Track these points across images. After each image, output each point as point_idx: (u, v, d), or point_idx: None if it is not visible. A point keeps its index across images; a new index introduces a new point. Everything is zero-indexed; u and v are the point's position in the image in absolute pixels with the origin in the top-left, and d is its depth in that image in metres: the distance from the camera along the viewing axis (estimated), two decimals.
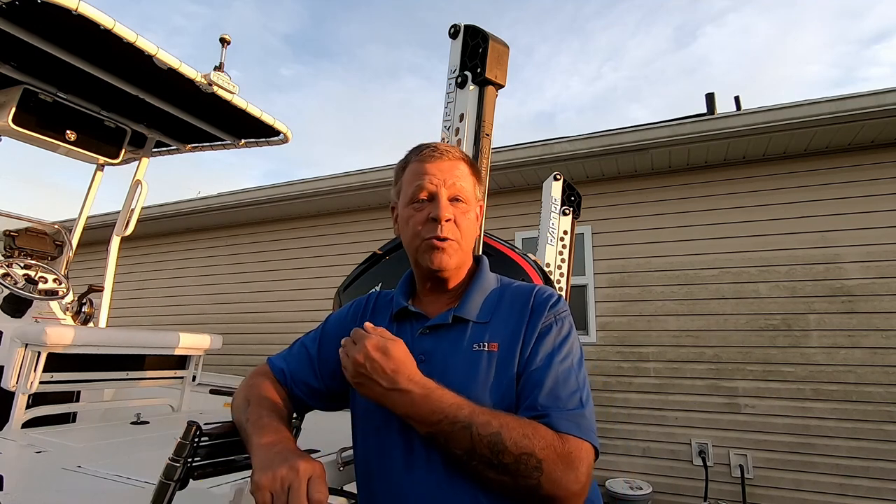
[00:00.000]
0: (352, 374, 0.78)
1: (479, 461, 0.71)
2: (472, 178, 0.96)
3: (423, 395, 0.74)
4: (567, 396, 0.77)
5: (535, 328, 0.84)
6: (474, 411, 0.73)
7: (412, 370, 0.77)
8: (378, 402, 0.78)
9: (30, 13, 1.91)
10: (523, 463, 0.70)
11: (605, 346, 4.31)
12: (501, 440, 0.70)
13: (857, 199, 3.79)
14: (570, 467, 0.70)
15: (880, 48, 56.48)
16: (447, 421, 0.72)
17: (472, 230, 0.94)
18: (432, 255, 0.89)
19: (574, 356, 0.83)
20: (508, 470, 0.70)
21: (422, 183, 0.91)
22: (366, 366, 0.76)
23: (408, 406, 0.75)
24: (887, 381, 3.50)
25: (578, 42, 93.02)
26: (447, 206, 0.89)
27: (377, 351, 0.76)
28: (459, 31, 1.53)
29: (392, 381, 0.75)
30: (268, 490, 0.65)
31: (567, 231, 2.46)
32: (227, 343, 3.21)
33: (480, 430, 0.71)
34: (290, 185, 5.53)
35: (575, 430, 0.73)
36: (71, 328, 1.91)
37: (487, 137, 1.48)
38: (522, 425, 0.72)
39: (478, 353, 0.83)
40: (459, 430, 0.72)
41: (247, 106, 2.56)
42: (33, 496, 1.11)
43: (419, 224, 0.90)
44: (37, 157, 74.42)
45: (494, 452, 0.70)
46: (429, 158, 0.93)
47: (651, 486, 3.80)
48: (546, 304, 0.87)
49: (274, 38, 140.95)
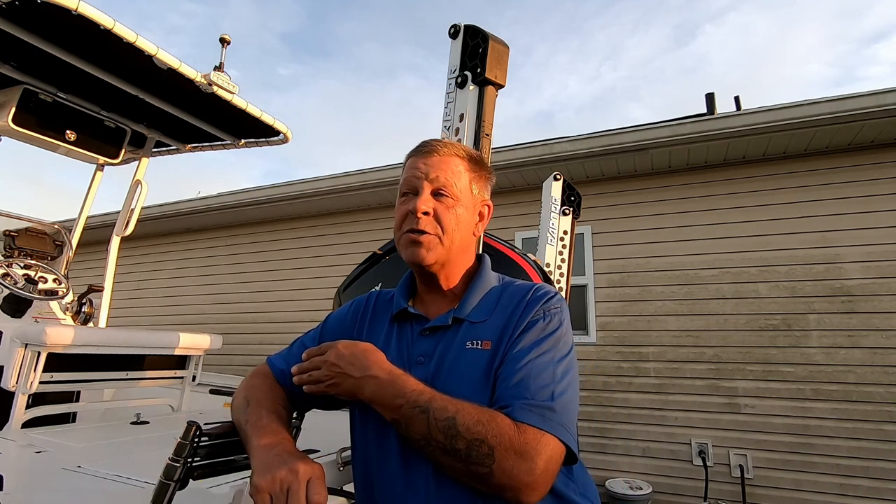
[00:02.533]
0: (329, 375, 0.82)
1: (435, 446, 0.71)
2: (469, 174, 0.94)
3: (389, 381, 0.77)
4: (537, 389, 0.74)
5: (523, 322, 0.83)
6: (434, 397, 0.74)
7: (381, 358, 0.81)
8: (352, 394, 0.81)
9: (30, 13, 1.91)
10: (475, 449, 0.68)
11: (605, 346, 4.31)
12: (455, 425, 0.70)
13: (857, 199, 3.79)
14: (523, 457, 0.67)
15: (880, 47, 56.53)
16: (408, 405, 0.74)
17: (460, 226, 0.90)
18: (409, 249, 0.89)
19: (557, 351, 0.80)
20: (461, 456, 0.69)
21: (408, 176, 0.92)
22: (338, 364, 0.81)
23: (375, 391, 0.78)
24: (887, 381, 3.50)
25: (577, 41, 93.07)
26: (426, 199, 0.88)
27: (346, 348, 0.83)
28: (459, 31, 1.53)
29: (363, 367, 0.79)
30: (267, 492, 0.64)
31: (567, 231, 2.46)
32: (227, 343, 3.21)
33: (437, 414, 0.72)
34: (289, 185, 5.53)
35: (535, 421, 0.70)
36: (71, 328, 1.91)
37: (487, 137, 1.48)
38: (479, 412, 0.71)
39: (471, 351, 0.83)
40: (417, 415, 0.73)
41: (247, 106, 2.56)
42: (33, 496, 1.11)
43: (401, 217, 0.91)
44: (36, 158, 74.61)
45: (448, 437, 0.70)
46: (420, 153, 0.93)
47: (651, 486, 3.80)
48: (540, 300, 0.86)
49: (272, 37, 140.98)
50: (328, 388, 0.83)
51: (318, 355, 0.85)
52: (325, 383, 0.83)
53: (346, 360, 0.81)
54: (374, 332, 0.95)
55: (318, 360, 0.84)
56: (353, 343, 0.84)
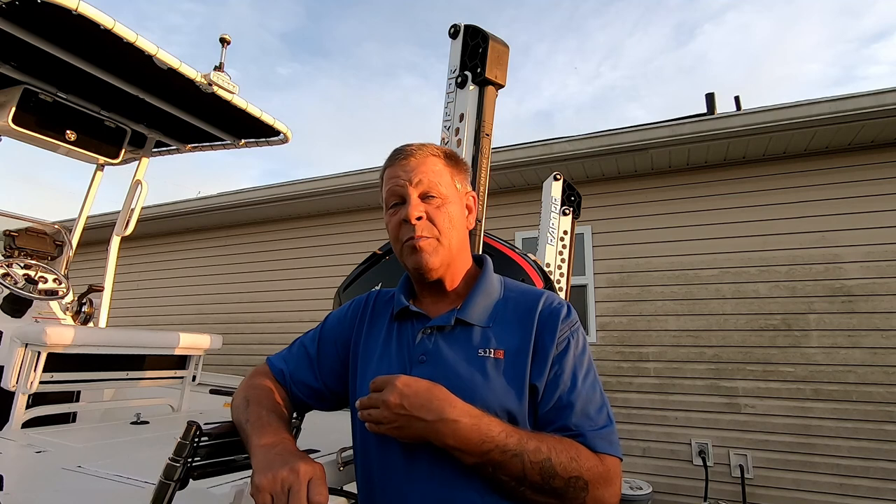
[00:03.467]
0: (390, 418, 0.73)
1: (529, 486, 0.73)
2: (449, 171, 0.93)
3: (472, 426, 0.72)
4: (596, 414, 0.80)
5: (551, 343, 0.83)
6: (523, 437, 0.74)
7: (451, 397, 0.74)
8: (422, 438, 0.73)
9: (30, 13, 1.91)
10: (572, 485, 0.72)
11: (605, 346, 4.31)
12: (552, 466, 0.72)
13: (857, 199, 3.79)
14: (609, 484, 0.75)
15: (879, 46, 56.46)
16: (498, 450, 0.72)
17: (454, 223, 0.90)
18: (413, 257, 0.88)
19: (593, 368, 0.86)
20: (557, 493, 0.73)
21: (391, 187, 0.90)
22: (403, 404, 0.72)
23: (455, 436, 0.71)
24: (887, 381, 3.51)
25: (576, 40, 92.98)
26: (417, 204, 0.88)
27: (408, 386, 0.73)
28: (459, 31, 1.53)
29: (436, 410, 0.72)
30: (268, 492, 0.64)
31: (567, 231, 2.46)
32: (227, 343, 3.21)
33: (531, 456, 0.72)
34: (289, 185, 5.53)
35: (609, 449, 0.77)
36: (71, 328, 1.90)
37: (487, 137, 1.48)
38: (567, 448, 0.74)
39: (483, 359, 0.82)
40: (510, 459, 0.71)
41: (247, 106, 2.56)
42: (33, 496, 1.11)
43: (396, 228, 0.90)
44: (36, 158, 74.41)
45: (545, 478, 0.72)
46: (396, 161, 0.92)
47: (651, 486, 3.79)
48: (557, 316, 0.86)
49: (270, 36, 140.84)
50: (390, 431, 0.74)
51: (377, 391, 0.76)
52: (385, 426, 0.74)
53: (412, 401, 0.72)
54: (374, 332, 0.95)
55: (376, 397, 0.75)
56: (415, 380, 0.75)
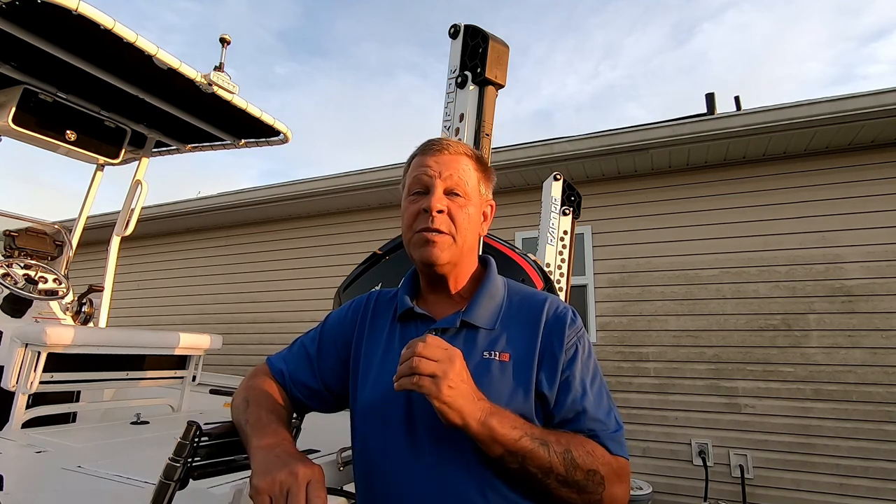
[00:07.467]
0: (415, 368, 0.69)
1: (554, 478, 0.72)
2: (477, 175, 0.93)
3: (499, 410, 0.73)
4: (606, 417, 0.81)
5: (560, 349, 0.83)
6: (544, 429, 0.75)
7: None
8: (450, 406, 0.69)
9: (30, 13, 1.91)
10: (591, 479, 0.73)
11: (605, 346, 4.31)
12: (573, 457, 0.73)
13: (857, 199, 3.79)
14: (622, 481, 0.77)
15: (879, 45, 56.45)
16: (528, 437, 0.72)
17: (471, 226, 0.90)
18: (422, 248, 0.87)
19: (599, 372, 0.87)
20: (578, 486, 0.73)
21: (418, 174, 0.90)
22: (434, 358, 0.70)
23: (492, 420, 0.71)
24: (887, 381, 3.50)
25: (575, 40, 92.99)
26: (441, 197, 0.87)
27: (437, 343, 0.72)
28: (459, 31, 1.54)
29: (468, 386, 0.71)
30: (266, 494, 0.64)
31: (567, 231, 2.46)
32: (227, 343, 3.21)
33: (555, 447, 0.73)
34: (290, 185, 5.53)
35: (620, 451, 0.79)
36: (71, 328, 1.91)
37: (487, 137, 1.48)
38: (582, 443, 0.76)
39: (488, 362, 0.82)
40: (538, 447, 0.72)
41: (247, 106, 2.56)
42: (33, 496, 1.12)
43: (412, 216, 0.89)
44: (36, 158, 74.44)
45: (568, 469, 0.72)
46: (430, 151, 0.92)
47: (651, 486, 3.79)
48: (564, 321, 0.86)
49: (268, 36, 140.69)
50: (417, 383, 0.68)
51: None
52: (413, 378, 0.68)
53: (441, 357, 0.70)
54: (376, 332, 0.95)
55: (405, 352, 0.71)
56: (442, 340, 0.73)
